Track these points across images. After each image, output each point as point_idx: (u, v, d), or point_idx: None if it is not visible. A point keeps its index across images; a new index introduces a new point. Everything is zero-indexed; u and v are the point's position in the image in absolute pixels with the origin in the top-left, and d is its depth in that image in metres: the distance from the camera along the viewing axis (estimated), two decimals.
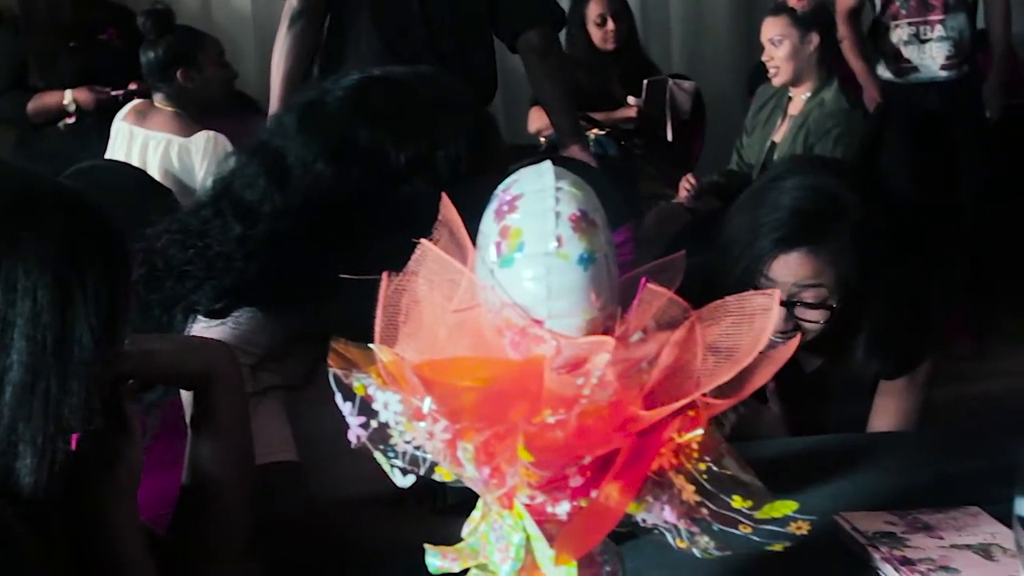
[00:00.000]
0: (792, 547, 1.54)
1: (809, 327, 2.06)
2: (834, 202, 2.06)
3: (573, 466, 1.08)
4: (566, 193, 1.13)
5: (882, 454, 1.93)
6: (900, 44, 4.92)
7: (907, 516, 1.59)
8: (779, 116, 4.70)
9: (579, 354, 1.10)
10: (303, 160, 1.65)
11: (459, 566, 1.18)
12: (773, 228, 2.06)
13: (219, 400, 1.43)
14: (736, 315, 1.14)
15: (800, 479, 1.75)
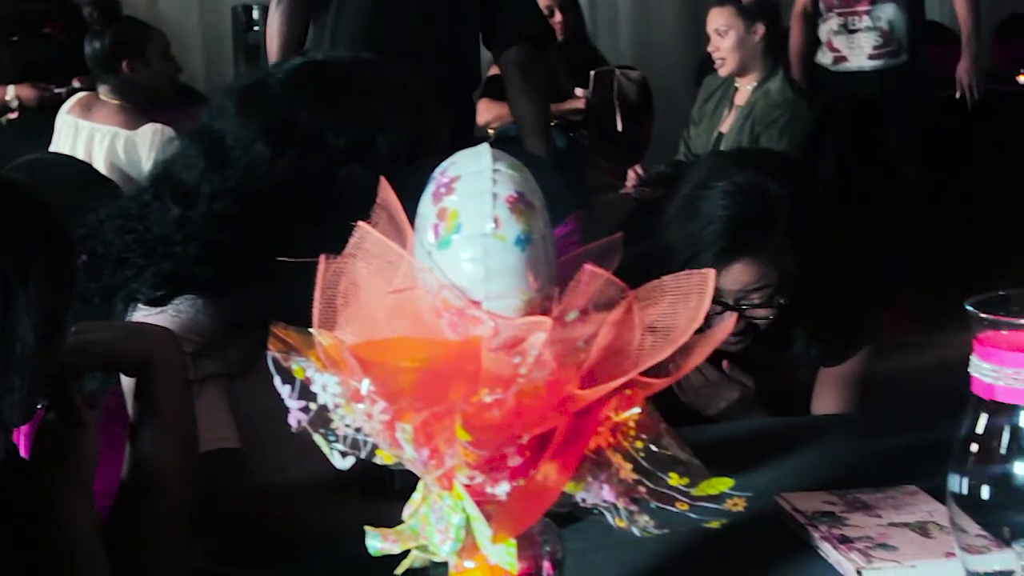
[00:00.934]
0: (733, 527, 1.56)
1: (761, 323, 2.10)
2: (765, 202, 2.08)
3: (511, 445, 1.09)
4: (503, 175, 1.13)
5: (823, 436, 1.95)
6: (831, 34, 5.01)
7: (846, 496, 1.61)
8: (726, 106, 4.73)
9: (517, 335, 1.10)
10: (241, 141, 1.65)
11: (399, 548, 1.18)
12: (711, 242, 2.07)
13: (160, 387, 1.42)
14: (673, 295, 1.15)
15: (742, 461, 1.76)
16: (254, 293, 1.60)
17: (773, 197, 2.09)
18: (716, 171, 2.18)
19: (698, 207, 2.12)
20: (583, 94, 5.46)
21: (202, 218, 1.64)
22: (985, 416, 1.18)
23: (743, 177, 2.13)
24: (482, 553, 1.16)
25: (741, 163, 2.24)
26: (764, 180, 2.11)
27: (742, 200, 2.10)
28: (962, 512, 1.23)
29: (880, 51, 4.97)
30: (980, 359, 1.15)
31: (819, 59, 5.05)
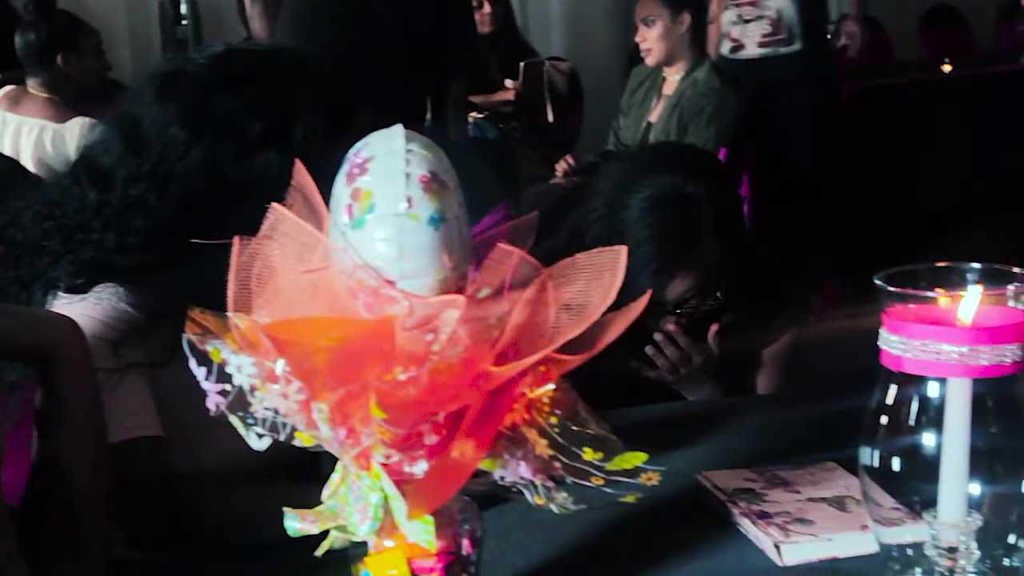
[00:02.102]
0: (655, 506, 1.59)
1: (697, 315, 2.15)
2: (687, 210, 2.10)
3: (426, 423, 1.10)
4: (416, 155, 1.14)
5: (746, 416, 1.97)
6: (730, 24, 5.14)
7: (766, 473, 1.63)
8: (654, 96, 4.75)
9: (431, 313, 1.11)
10: (158, 125, 1.64)
11: (318, 528, 1.18)
12: (644, 264, 2.07)
13: (62, 377, 1.38)
14: (587, 272, 1.16)
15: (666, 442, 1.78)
16: (176, 281, 1.59)
17: (693, 201, 2.10)
18: (631, 178, 2.17)
19: (621, 229, 2.10)
20: (513, 85, 5.46)
21: (119, 203, 1.63)
22: (894, 388, 1.20)
23: (660, 185, 2.12)
24: (401, 532, 1.17)
25: (655, 165, 2.22)
26: (680, 183, 2.12)
27: (665, 215, 2.10)
28: (875, 485, 1.25)
29: (769, 39, 5.10)
30: (889, 332, 1.17)
31: (720, 49, 5.18)
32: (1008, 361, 1.14)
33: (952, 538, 1.18)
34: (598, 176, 2.28)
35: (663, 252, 2.09)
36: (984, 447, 1.18)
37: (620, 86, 5.49)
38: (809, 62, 5.11)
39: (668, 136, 4.50)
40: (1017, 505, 1.20)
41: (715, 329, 2.17)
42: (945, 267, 1.21)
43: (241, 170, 1.63)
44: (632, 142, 4.75)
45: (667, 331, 2.13)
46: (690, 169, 2.16)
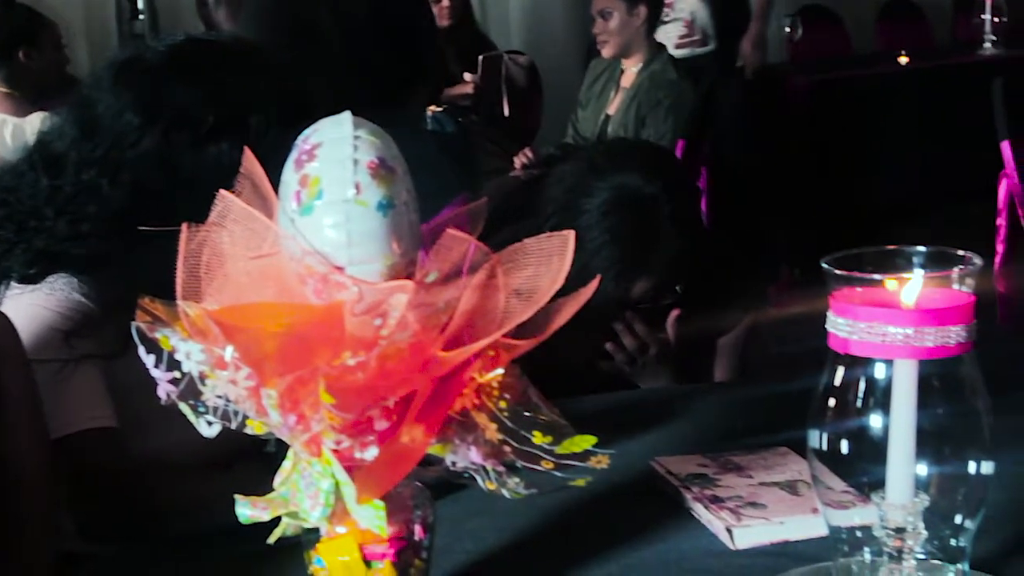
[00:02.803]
0: (609, 492, 1.60)
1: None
2: (644, 210, 2.11)
3: (376, 408, 1.10)
4: (364, 141, 1.14)
5: (700, 403, 1.98)
6: (660, 26, 5.16)
7: (719, 458, 1.64)
8: (612, 89, 4.77)
9: (381, 299, 1.11)
10: (112, 110, 1.64)
11: (269, 515, 1.18)
12: (606, 268, 2.08)
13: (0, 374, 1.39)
14: (535, 257, 1.17)
15: (620, 429, 1.79)
16: (130, 272, 1.59)
17: (650, 201, 2.11)
18: (585, 181, 2.17)
19: (581, 236, 2.11)
20: (471, 79, 5.46)
21: (71, 188, 1.62)
22: (841, 370, 1.21)
23: (615, 188, 2.13)
24: (353, 518, 1.17)
25: (609, 166, 2.21)
26: (637, 183, 2.13)
27: (622, 218, 2.11)
28: (825, 468, 1.26)
29: (685, 40, 5.29)
30: (835, 315, 1.18)
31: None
32: (953, 343, 1.15)
33: (900, 518, 1.19)
34: (550, 179, 2.27)
35: (624, 256, 2.10)
36: (931, 428, 1.19)
37: (579, 79, 5.50)
38: (724, 61, 5.25)
39: (626, 129, 4.52)
40: (963, 485, 1.22)
41: (675, 315, 2.18)
42: (891, 251, 1.22)
43: (193, 160, 1.63)
44: (591, 135, 4.77)
45: (626, 320, 2.14)
46: (646, 168, 2.17)
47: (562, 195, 2.19)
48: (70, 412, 1.55)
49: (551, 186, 2.24)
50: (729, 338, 2.30)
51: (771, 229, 4.93)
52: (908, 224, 4.50)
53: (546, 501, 1.56)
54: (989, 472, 1.21)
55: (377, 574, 1.19)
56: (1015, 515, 1.45)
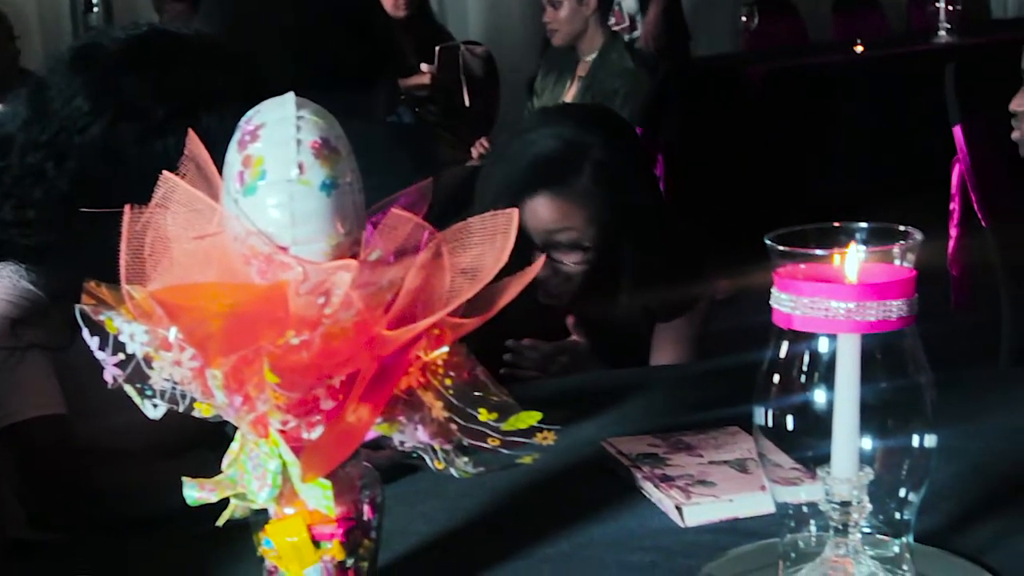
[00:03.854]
0: (561, 473, 1.61)
1: (570, 270, 2.15)
2: (571, 145, 2.16)
3: (321, 387, 1.10)
4: (307, 121, 1.14)
5: (654, 386, 1.99)
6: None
7: (670, 438, 1.65)
8: (568, 78, 4.78)
9: (325, 279, 1.11)
10: (64, 94, 1.63)
11: (216, 496, 1.19)
12: (515, 179, 2.15)
13: None
14: (480, 236, 1.17)
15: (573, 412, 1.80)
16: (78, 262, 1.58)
17: (581, 143, 2.16)
18: (537, 123, 2.28)
19: (511, 152, 2.20)
20: (428, 70, 5.45)
21: (17, 170, 1.61)
22: (785, 346, 1.22)
23: (557, 126, 2.21)
24: (301, 498, 1.17)
25: (560, 116, 2.33)
26: (576, 129, 2.19)
27: (551, 143, 2.18)
28: (772, 445, 1.27)
29: (616, 27, 5.30)
30: (779, 291, 1.19)
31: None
32: (894, 316, 1.16)
33: (845, 492, 1.20)
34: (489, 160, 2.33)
35: (535, 170, 2.16)
36: (875, 402, 1.20)
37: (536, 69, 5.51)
38: (677, 52, 5.28)
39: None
40: (907, 458, 1.23)
41: (571, 321, 2.20)
42: (834, 227, 1.23)
43: (140, 152, 1.62)
44: None
45: (516, 346, 2.17)
46: (592, 122, 2.24)
47: (515, 130, 2.30)
48: (17, 400, 1.55)
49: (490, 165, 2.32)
50: (681, 324, 2.31)
51: (723, 215, 4.94)
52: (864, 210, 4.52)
53: (498, 483, 1.57)
54: (932, 445, 1.22)
55: (326, 554, 1.19)
56: (960, 490, 1.47)
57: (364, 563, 1.22)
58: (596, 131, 2.20)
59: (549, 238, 2.15)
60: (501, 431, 1.14)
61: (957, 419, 1.56)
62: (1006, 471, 1.53)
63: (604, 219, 2.16)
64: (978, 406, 1.72)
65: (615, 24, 5.13)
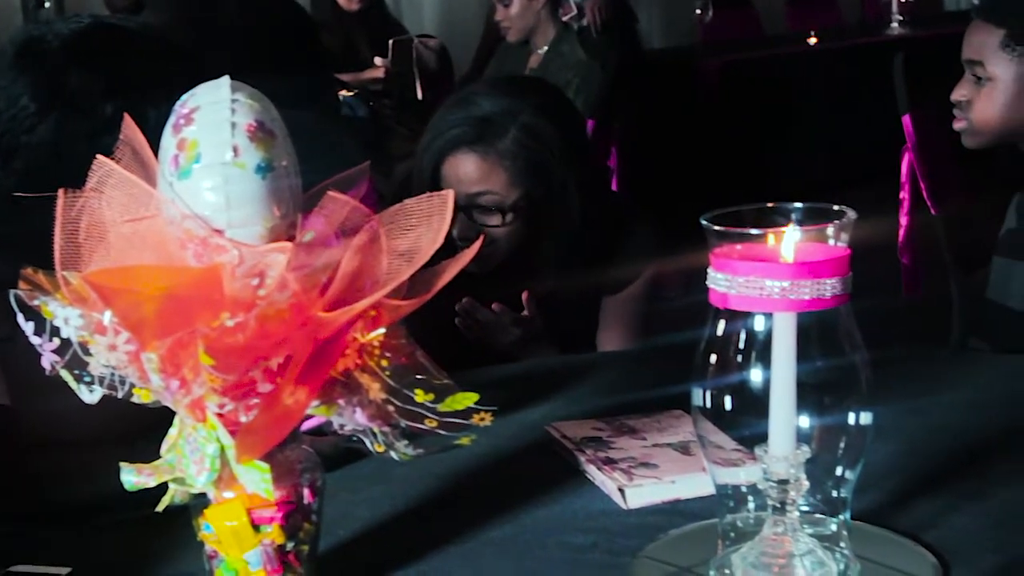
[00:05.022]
0: (505, 458, 1.61)
1: (493, 232, 2.17)
2: (502, 109, 2.19)
3: (257, 370, 1.10)
4: (242, 104, 1.14)
5: (602, 371, 2.00)
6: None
7: (614, 422, 1.65)
8: (521, 71, 4.78)
9: (261, 262, 1.11)
10: (8, 93, 1.61)
11: (155, 481, 1.18)
12: (446, 134, 2.20)
13: None
14: (416, 217, 1.17)
15: (520, 398, 1.81)
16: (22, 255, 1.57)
17: (512, 108, 2.20)
18: (469, 89, 2.34)
19: (441, 116, 2.27)
20: (382, 63, 5.44)
21: None
22: (722, 326, 1.22)
23: (494, 92, 2.26)
24: (240, 483, 1.17)
25: (500, 84, 2.40)
26: (509, 94, 2.24)
27: (482, 103, 2.22)
28: (714, 427, 1.28)
29: (571, 17, 5.23)
30: (715, 270, 1.20)
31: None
32: (829, 295, 1.17)
33: (782, 470, 1.21)
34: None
35: (460, 127, 2.19)
36: (811, 380, 1.21)
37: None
38: (628, 43, 5.28)
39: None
40: (843, 436, 1.24)
41: (526, 296, 2.21)
42: (770, 207, 1.24)
43: (89, 149, 1.60)
44: None
45: (467, 307, 2.18)
46: (530, 92, 2.29)
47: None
48: None
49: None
50: (625, 297, 2.32)
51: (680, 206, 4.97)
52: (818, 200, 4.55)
53: (443, 468, 1.57)
54: (868, 423, 1.23)
55: (266, 538, 1.19)
56: (899, 468, 1.48)
57: (304, 547, 1.22)
58: (529, 98, 2.24)
59: (472, 199, 2.18)
60: (438, 412, 1.15)
61: (899, 399, 1.59)
62: (945, 450, 1.55)
63: (528, 184, 2.18)
64: (920, 386, 1.74)
65: (565, 15, 5.12)
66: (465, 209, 2.18)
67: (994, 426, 1.63)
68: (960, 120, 2.37)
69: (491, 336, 2.21)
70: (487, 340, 2.21)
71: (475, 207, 2.18)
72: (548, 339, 2.24)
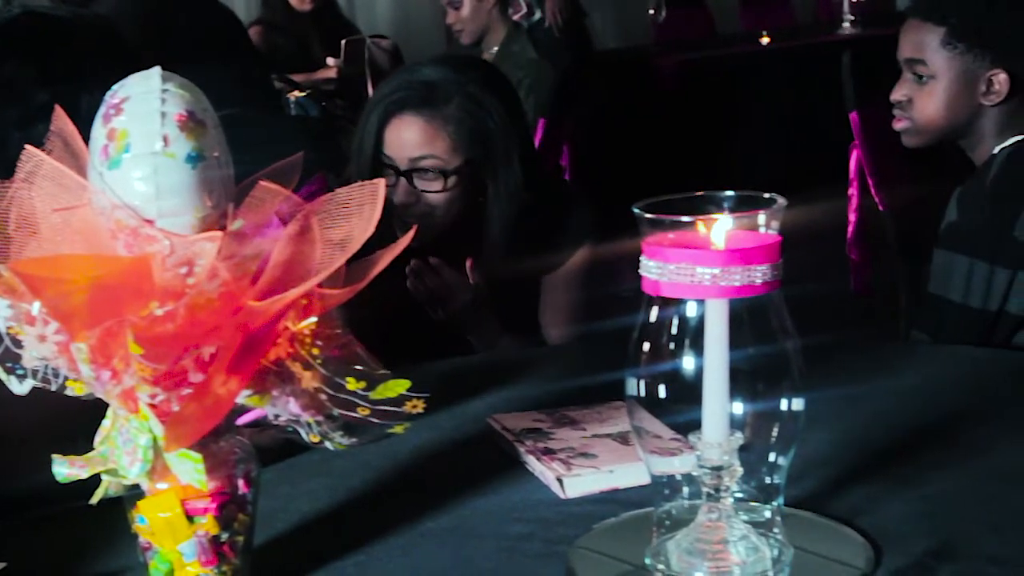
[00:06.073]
0: (446, 450, 1.62)
1: (432, 199, 2.18)
2: (447, 78, 2.22)
3: (188, 358, 1.10)
4: (173, 94, 1.14)
5: (548, 364, 2.00)
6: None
7: (555, 413, 1.66)
8: None
9: (192, 251, 1.11)
10: None
11: (87, 473, 1.18)
12: (389, 96, 2.22)
13: None
14: (347, 206, 1.17)
15: (464, 392, 1.81)
16: None
17: (457, 78, 2.23)
18: (416, 63, 2.37)
19: (386, 83, 2.32)
20: (335, 63, 5.44)
21: None
22: (654, 313, 1.23)
23: (437, 63, 2.31)
24: (173, 473, 1.17)
25: (443, 59, 2.48)
26: (454, 67, 2.28)
27: (426, 72, 2.25)
28: (651, 416, 1.28)
29: (521, 14, 5.32)
30: (647, 258, 1.20)
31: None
32: (759, 281, 1.17)
33: (716, 457, 1.21)
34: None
35: (404, 92, 2.21)
36: (744, 367, 1.22)
37: None
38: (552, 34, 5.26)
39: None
40: (776, 422, 1.25)
41: (470, 263, 2.22)
42: (702, 196, 1.24)
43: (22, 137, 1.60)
44: None
45: (417, 267, 2.20)
46: (476, 69, 2.34)
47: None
48: None
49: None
50: (565, 271, 2.33)
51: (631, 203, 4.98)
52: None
53: (384, 461, 1.58)
54: (800, 409, 1.24)
55: (200, 529, 1.19)
56: (835, 456, 1.49)
57: (239, 538, 1.22)
58: (472, 72, 2.28)
59: (414, 163, 2.19)
60: (370, 400, 1.15)
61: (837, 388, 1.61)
62: (881, 438, 1.56)
63: (470, 151, 2.20)
64: (858, 376, 1.75)
65: (515, 14, 5.12)
66: (406, 174, 2.19)
67: (929, 414, 1.64)
68: (901, 120, 2.38)
69: (440, 299, 2.21)
70: (436, 304, 2.22)
71: (417, 171, 2.20)
72: (495, 314, 2.25)
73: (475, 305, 2.22)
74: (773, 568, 1.21)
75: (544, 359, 2.06)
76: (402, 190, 2.19)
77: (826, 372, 1.70)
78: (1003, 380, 1.81)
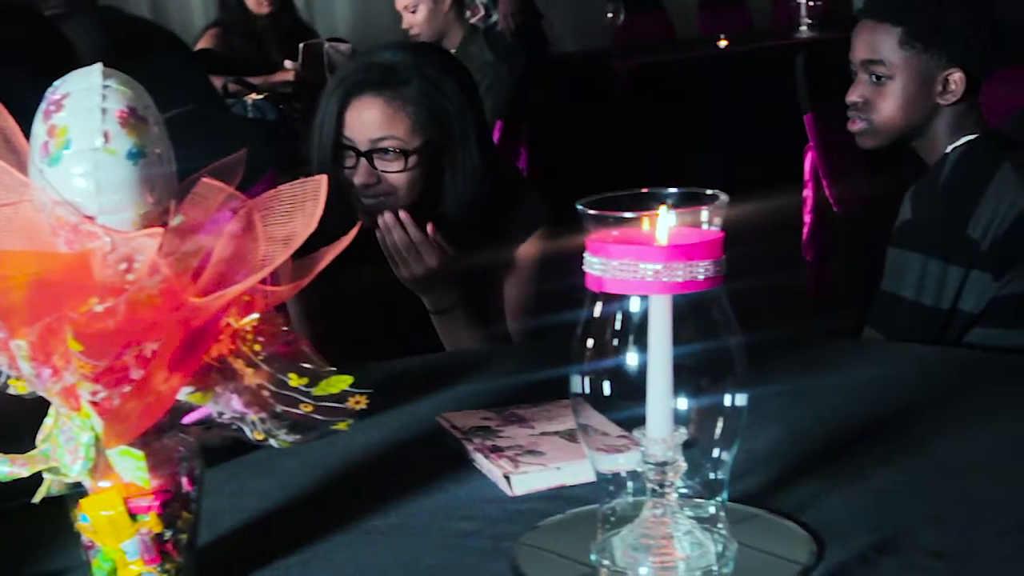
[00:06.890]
0: (395, 449, 1.62)
1: (393, 180, 2.20)
2: (408, 62, 2.24)
3: (129, 355, 1.09)
4: (114, 90, 1.14)
5: (497, 362, 2.00)
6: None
7: (504, 412, 1.66)
8: None
9: (133, 248, 1.11)
10: None
11: (28, 471, 1.17)
12: (349, 78, 2.24)
13: None
14: (290, 202, 1.17)
15: (412, 389, 1.81)
16: None
17: (416, 62, 2.25)
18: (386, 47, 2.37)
19: (346, 66, 2.36)
20: (292, 66, 5.44)
21: None
22: (598, 310, 1.23)
23: (396, 48, 2.35)
24: (115, 471, 1.17)
25: (403, 44, 2.64)
26: (414, 51, 2.34)
27: (386, 55, 2.27)
28: (598, 413, 1.28)
29: (479, 16, 5.33)
30: (591, 254, 1.21)
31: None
32: (702, 277, 1.18)
33: (660, 452, 1.22)
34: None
35: (364, 73, 2.22)
36: (688, 363, 1.22)
37: None
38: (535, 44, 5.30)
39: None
40: (720, 418, 1.25)
41: (432, 227, 2.22)
42: (645, 193, 1.25)
43: None
44: None
45: (386, 223, 2.21)
46: (438, 57, 2.38)
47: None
48: None
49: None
50: (522, 253, 2.36)
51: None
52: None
53: (332, 460, 1.57)
54: (743, 404, 1.25)
55: (143, 527, 1.18)
56: (780, 452, 1.50)
57: (183, 536, 1.21)
58: (432, 56, 2.33)
59: (375, 144, 2.20)
60: (313, 396, 1.15)
61: (782, 384, 1.61)
62: (826, 434, 1.57)
63: (430, 132, 2.22)
64: (804, 373, 1.77)
65: (472, 16, 5.13)
66: (367, 155, 2.20)
67: (874, 411, 1.65)
68: (857, 122, 2.38)
69: (407, 259, 2.22)
70: (402, 264, 2.23)
71: (377, 152, 2.20)
72: (454, 281, 2.26)
73: (440, 272, 2.23)
74: (717, 563, 1.22)
75: (494, 357, 2.06)
76: (363, 171, 2.20)
77: (775, 369, 1.72)
78: (948, 377, 1.82)
